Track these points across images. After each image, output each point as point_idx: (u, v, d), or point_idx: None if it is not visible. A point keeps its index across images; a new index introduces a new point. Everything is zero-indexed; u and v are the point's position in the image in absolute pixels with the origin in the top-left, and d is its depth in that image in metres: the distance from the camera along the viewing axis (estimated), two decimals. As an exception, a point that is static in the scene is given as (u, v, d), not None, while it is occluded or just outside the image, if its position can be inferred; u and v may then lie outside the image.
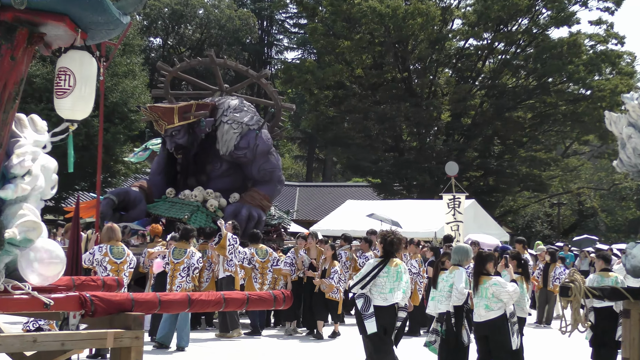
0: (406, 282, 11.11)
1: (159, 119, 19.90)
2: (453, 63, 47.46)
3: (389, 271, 11.02)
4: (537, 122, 45.91)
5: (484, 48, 45.84)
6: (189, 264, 15.05)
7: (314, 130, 50.95)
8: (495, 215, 43.77)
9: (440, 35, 44.89)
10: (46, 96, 31.67)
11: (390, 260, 11.14)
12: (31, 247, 6.01)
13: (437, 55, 45.90)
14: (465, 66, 46.81)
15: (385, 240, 11.32)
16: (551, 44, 43.46)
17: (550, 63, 42.58)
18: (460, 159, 40.12)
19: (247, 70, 22.50)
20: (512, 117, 45.23)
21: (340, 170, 72.23)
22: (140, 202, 19.80)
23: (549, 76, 44.47)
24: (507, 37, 44.47)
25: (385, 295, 10.95)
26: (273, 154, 20.91)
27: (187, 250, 15.07)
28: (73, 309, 6.23)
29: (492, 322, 11.05)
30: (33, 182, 6.15)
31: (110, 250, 13.72)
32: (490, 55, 46.49)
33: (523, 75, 46.19)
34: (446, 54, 46.89)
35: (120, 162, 35.93)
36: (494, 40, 45.23)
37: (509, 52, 45.71)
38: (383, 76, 46.12)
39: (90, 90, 6.47)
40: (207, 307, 7.14)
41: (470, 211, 29.53)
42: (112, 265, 13.62)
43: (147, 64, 49.51)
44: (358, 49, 44.72)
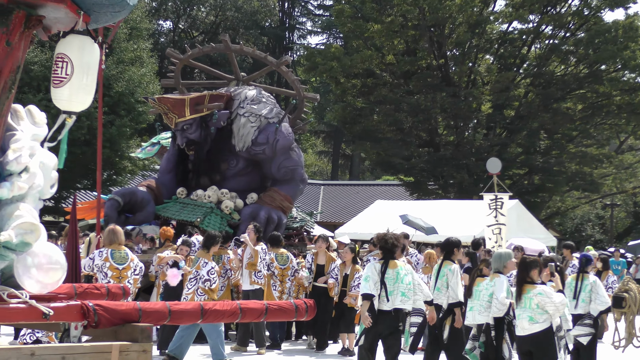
0: (408, 284, 11.28)
1: (168, 112, 19.89)
2: (495, 49, 47.27)
3: (388, 274, 11.35)
4: (588, 115, 45.63)
5: (530, 32, 45.61)
6: (197, 275, 14.87)
7: (340, 123, 50.91)
8: (541, 218, 43.58)
9: (480, 17, 44.74)
10: (45, 85, 31.80)
11: (389, 263, 11.48)
12: (29, 251, 6.04)
13: (477, 40, 45.73)
14: (509, 52, 46.58)
15: (386, 242, 11.72)
16: (605, 28, 43.19)
17: (603, 48, 42.33)
18: (503, 155, 39.97)
19: (265, 56, 22.38)
20: (560, 108, 45.00)
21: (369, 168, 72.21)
22: (148, 203, 19.71)
23: (602, 63, 44.19)
24: (556, 19, 44.24)
25: (385, 298, 11.18)
26: (295, 150, 20.88)
27: (199, 260, 15.00)
28: (75, 319, 6.26)
29: (537, 336, 10.98)
30: (31, 180, 6.18)
31: (111, 254, 13.75)
32: (536, 40, 46.25)
33: (573, 62, 45.93)
34: (487, 38, 46.71)
35: (126, 158, 36.01)
36: (540, 24, 45.00)
37: (558, 37, 45.47)
38: (417, 63, 46.00)
39: (91, 80, 6.47)
40: (222, 318, 7.14)
41: (514, 213, 29.42)
42: (113, 271, 13.65)
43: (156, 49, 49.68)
44: (389, 33, 44.61)
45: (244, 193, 20.35)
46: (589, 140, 46.56)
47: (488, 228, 25.44)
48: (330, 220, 46.82)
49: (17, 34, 6.05)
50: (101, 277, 13.58)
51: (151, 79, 36.76)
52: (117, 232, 14.15)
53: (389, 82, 47.09)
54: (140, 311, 6.42)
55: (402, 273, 11.36)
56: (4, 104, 6.09)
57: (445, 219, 29.25)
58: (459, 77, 45.67)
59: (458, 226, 29.28)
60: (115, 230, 14.17)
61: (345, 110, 47.41)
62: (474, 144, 45.62)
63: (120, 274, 13.67)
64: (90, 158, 33.76)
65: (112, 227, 14.43)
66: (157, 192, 20.25)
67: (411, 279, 11.50)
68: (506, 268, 12.14)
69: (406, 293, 11.34)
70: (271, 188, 20.58)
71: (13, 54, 6.08)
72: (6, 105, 6.14)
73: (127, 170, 37.39)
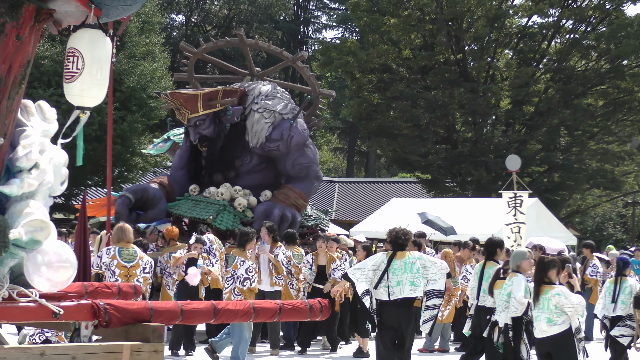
0: (416, 272, 11.39)
1: (181, 107, 19.87)
2: (514, 43, 47.17)
3: (395, 264, 11.52)
4: (609, 111, 45.52)
5: (550, 26, 45.50)
6: (234, 274, 14.79)
7: (355, 119, 50.90)
8: (561, 216, 43.48)
9: (499, 11, 44.65)
10: (55, 80, 31.86)
11: (397, 254, 11.72)
12: (39, 249, 6.06)
13: (496, 35, 45.64)
14: (528, 47, 46.50)
15: (397, 238, 12.01)
16: (627, 22, 43.08)
17: (625, 43, 42.19)
18: (522, 152, 39.89)
19: (280, 51, 22.33)
20: (581, 104, 44.89)
21: (385, 165, 72.14)
22: (160, 200, 19.66)
23: (624, 58, 44.10)
24: (576, 13, 44.11)
25: (393, 289, 11.24)
26: (309, 147, 20.83)
27: (235, 258, 14.85)
28: (85, 318, 6.27)
29: (556, 338, 10.93)
30: (41, 177, 6.20)
31: (119, 252, 13.77)
32: (556, 34, 46.14)
33: (594, 57, 45.82)
34: (506, 32, 46.61)
35: (137, 154, 36.03)
36: (560, 18, 44.89)
37: (578, 31, 45.35)
38: (434, 58, 45.95)
39: (104, 74, 6.48)
40: (235, 318, 7.14)
41: (533, 211, 29.34)
42: (121, 269, 13.67)
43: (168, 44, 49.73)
44: (406, 27, 44.59)
45: (258, 190, 20.31)
46: (610, 137, 46.42)
47: (507, 227, 25.38)
48: (345, 219, 46.79)
49: (27, 28, 6.07)
50: (109, 276, 13.60)
51: (163, 73, 36.77)
52: (125, 229, 14.15)
53: (405, 77, 47.04)
54: (152, 310, 6.43)
55: (409, 262, 11.46)
56: (13, 99, 6.11)
57: (463, 218, 29.18)
58: (477, 72, 45.59)
59: (476, 225, 29.21)
60: (124, 228, 14.18)
61: (361, 106, 47.39)
62: (493, 141, 45.55)
63: (128, 272, 13.68)
64: (101, 154, 33.78)
65: (120, 224, 14.44)
66: (169, 189, 20.21)
67: (419, 264, 11.55)
68: (520, 267, 12.13)
69: (415, 282, 11.44)
70: (285, 185, 20.55)
71: (23, 48, 6.09)
72: (16, 100, 6.16)
73: (138, 167, 37.40)
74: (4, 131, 6.07)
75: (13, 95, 6.09)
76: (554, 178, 46.29)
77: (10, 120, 6.14)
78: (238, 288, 14.50)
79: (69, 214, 38.01)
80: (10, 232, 5.87)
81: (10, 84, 6.05)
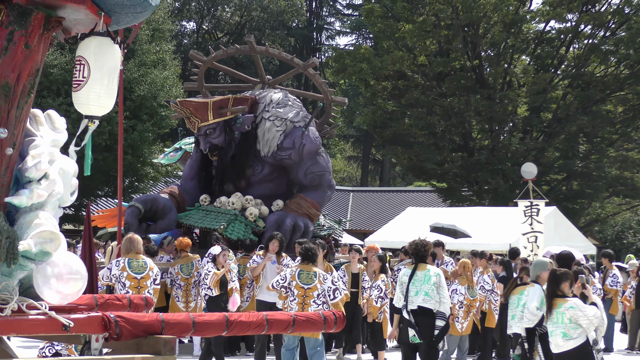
0: (433, 284, 11.70)
1: (191, 116, 19.88)
2: (531, 49, 47.09)
3: (417, 276, 12.26)
4: (629, 117, 45.38)
5: (568, 31, 45.43)
6: (322, 290, 14.25)
7: (370, 127, 50.87)
8: (580, 225, 43.36)
9: (516, 16, 44.59)
10: (65, 89, 31.98)
11: (419, 265, 12.49)
12: (48, 261, 6.07)
13: (513, 40, 45.58)
14: (546, 53, 46.44)
15: (417, 250, 12.87)
16: (646, 26, 42.99)
17: (645, 48, 42.14)
18: (540, 160, 39.84)
19: (292, 58, 22.32)
20: (600, 111, 44.77)
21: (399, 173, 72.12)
22: (170, 210, 19.63)
23: (644, 63, 43.99)
24: (595, 18, 44.02)
25: (412, 298, 11.70)
26: (322, 155, 20.83)
27: (317, 273, 14.41)
28: (95, 331, 6.28)
29: (573, 352, 10.71)
30: (50, 188, 6.21)
31: (128, 264, 13.79)
32: (574, 39, 46.06)
33: (613, 63, 45.70)
34: (523, 38, 46.55)
35: (148, 164, 36.12)
36: (579, 23, 44.79)
37: (597, 36, 45.25)
38: (450, 64, 45.93)
39: (112, 82, 6.50)
40: (248, 330, 7.14)
41: (551, 220, 29.31)
42: (131, 280, 13.69)
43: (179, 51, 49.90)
44: (421, 33, 44.58)
45: (270, 200, 20.32)
46: (630, 144, 46.31)
47: (523, 236, 25.38)
48: (359, 228, 46.83)
49: (36, 36, 6.09)
50: (119, 287, 13.62)
51: (174, 82, 36.86)
52: (134, 240, 14.17)
53: (420, 84, 47.01)
54: (163, 322, 6.44)
55: (429, 274, 12.01)
56: (22, 109, 6.13)
57: (479, 227, 29.15)
58: (494, 78, 45.53)
59: (493, 234, 29.20)
60: (132, 239, 14.19)
61: (375, 113, 47.39)
62: (510, 149, 45.46)
63: (138, 284, 13.70)
64: (112, 164, 33.90)
65: (129, 235, 14.46)
66: (179, 199, 20.21)
67: (436, 280, 11.99)
68: (540, 278, 12.09)
69: (429, 293, 11.84)
70: (297, 195, 20.53)
71: (32, 57, 6.12)
72: (25, 109, 6.18)
73: (149, 176, 37.46)
74: (13, 141, 6.09)
75: (22, 105, 6.11)
76: (573, 186, 46.18)
77: (19, 130, 6.16)
78: (328, 303, 14.07)
79: (79, 225, 38.11)
80: (19, 243, 5.89)
81: (19, 93, 6.07)
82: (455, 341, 17.81)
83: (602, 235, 56.82)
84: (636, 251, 51.17)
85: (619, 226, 58.26)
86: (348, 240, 27.23)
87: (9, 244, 5.87)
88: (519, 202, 26.08)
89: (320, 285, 14.04)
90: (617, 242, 56.28)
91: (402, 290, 12.48)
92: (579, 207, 46.20)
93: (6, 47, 5.98)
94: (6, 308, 5.96)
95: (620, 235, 57.95)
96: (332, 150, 68.20)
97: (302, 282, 14.20)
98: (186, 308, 17.34)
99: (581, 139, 46.82)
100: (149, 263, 14.13)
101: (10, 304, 5.99)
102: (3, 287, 6.00)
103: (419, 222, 31.06)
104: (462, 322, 17.56)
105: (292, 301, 14.13)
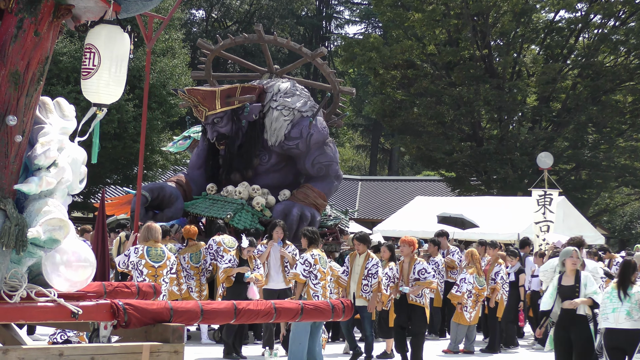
0: None
1: (198, 104, 19.82)
2: (541, 39, 46.95)
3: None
4: (639, 107, 45.23)
5: (578, 21, 45.27)
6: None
7: (378, 116, 50.80)
8: (589, 215, 43.31)
9: (526, 6, 44.45)
10: (74, 77, 31.95)
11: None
12: (57, 248, 6.09)
13: (523, 30, 45.47)
14: (555, 42, 46.27)
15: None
16: (657, 16, 42.85)
17: (655, 38, 42.00)
18: (549, 150, 39.65)
19: (299, 48, 22.21)
20: (609, 101, 44.62)
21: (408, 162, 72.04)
22: (177, 199, 19.58)
23: (654, 53, 43.87)
24: (605, 8, 43.86)
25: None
26: (329, 145, 20.78)
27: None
28: (104, 318, 6.30)
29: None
30: (59, 175, 6.23)
31: (147, 252, 13.79)
32: (584, 29, 45.91)
33: (623, 53, 45.54)
34: (533, 28, 46.42)
35: (157, 152, 36.09)
36: (589, 12, 44.65)
37: (607, 26, 45.10)
38: (459, 54, 45.83)
39: (121, 71, 6.50)
40: (256, 318, 7.16)
41: (560, 210, 29.24)
42: (149, 269, 13.69)
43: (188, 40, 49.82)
44: (431, 22, 44.49)
45: (277, 189, 20.29)
46: (639, 134, 46.19)
47: (536, 225, 25.28)
48: (368, 217, 46.78)
49: (45, 24, 6.10)
50: (136, 275, 13.61)
51: (183, 70, 36.82)
52: (153, 229, 14.15)
53: (430, 73, 46.92)
54: (172, 310, 6.45)
55: None
56: (32, 96, 6.14)
57: (488, 216, 29.10)
58: (504, 68, 45.42)
59: (502, 224, 29.16)
60: (151, 227, 14.17)
61: (384, 102, 47.31)
62: (519, 138, 45.37)
63: (156, 272, 13.71)
64: (121, 152, 33.92)
65: (148, 224, 14.45)
66: (186, 188, 20.17)
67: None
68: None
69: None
70: (305, 184, 20.49)
71: (41, 45, 6.13)
72: (34, 97, 6.19)
73: (158, 164, 37.44)
74: (22, 129, 6.10)
75: (31, 92, 6.12)
76: (582, 176, 46.09)
77: (28, 118, 6.17)
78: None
79: (88, 213, 38.16)
80: (28, 231, 5.90)
81: (29, 81, 6.08)
82: (463, 330, 17.83)
83: (611, 226, 56.76)
84: (645, 241, 51.12)
85: (628, 216, 58.21)
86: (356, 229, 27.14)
87: (18, 231, 5.89)
88: (533, 192, 26.03)
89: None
90: (625, 232, 56.25)
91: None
92: (587, 197, 46.11)
93: (16, 34, 5.99)
94: (15, 295, 5.98)
95: (629, 225, 57.89)
96: (340, 139, 68.12)
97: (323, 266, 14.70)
98: (200, 297, 17.32)
99: (590, 128, 46.69)
100: (167, 252, 14.13)
101: (19, 291, 6.01)
102: (12, 274, 6.03)
103: (428, 211, 31.05)
104: (470, 312, 17.58)
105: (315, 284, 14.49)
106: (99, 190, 37.00)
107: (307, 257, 14.71)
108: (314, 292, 14.49)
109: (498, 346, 18.38)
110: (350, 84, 64.29)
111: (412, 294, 15.15)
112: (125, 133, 33.18)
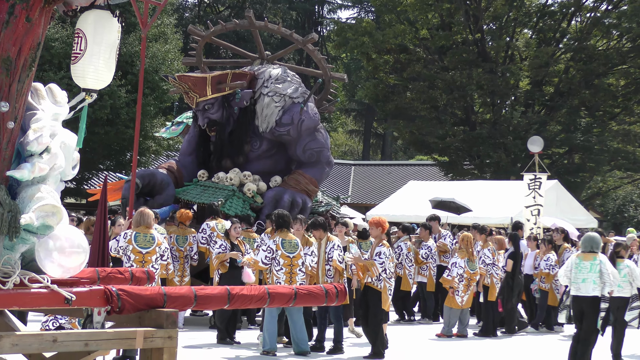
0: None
1: (189, 91, 19.77)
2: (533, 22, 46.97)
3: None
4: (631, 91, 45.31)
5: (570, 5, 45.27)
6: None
7: (371, 101, 50.84)
8: (582, 199, 43.39)
9: (519, -11, 44.50)
10: (66, 63, 31.85)
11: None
12: (50, 234, 6.08)
13: (515, 14, 45.48)
14: (548, 26, 46.29)
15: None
16: (649, -1, 42.83)
17: (647, 21, 42.00)
18: (542, 134, 39.70)
19: (291, 34, 22.09)
20: (602, 84, 44.65)
21: (401, 147, 72.07)
22: (168, 186, 19.50)
23: (646, 37, 43.88)
24: (597, -9, 43.93)
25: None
26: (320, 131, 20.74)
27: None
28: (97, 304, 6.30)
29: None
30: (52, 161, 6.22)
31: (134, 237, 13.74)
32: (577, 13, 45.92)
33: (616, 36, 45.56)
34: (525, 11, 46.42)
35: (150, 137, 36.02)
36: (581, -4, 44.71)
37: (600, 10, 45.15)
38: (452, 38, 45.83)
39: (108, 56, 6.49)
40: (250, 303, 7.17)
41: (552, 193, 29.31)
42: (136, 254, 13.65)
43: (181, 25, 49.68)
44: (423, 6, 44.49)
45: (268, 176, 20.26)
46: (632, 117, 46.27)
47: (527, 209, 25.36)
48: (361, 202, 46.83)
49: (37, 10, 6.08)
50: (125, 260, 13.60)
51: (175, 55, 36.73)
52: (145, 214, 14.08)
53: (422, 57, 46.93)
54: (165, 296, 6.46)
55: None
56: (24, 82, 6.13)
57: (481, 200, 29.15)
58: (496, 52, 45.44)
59: (494, 208, 29.22)
60: (144, 213, 14.11)
61: (377, 87, 47.32)
62: (512, 122, 45.41)
63: (143, 258, 13.65)
64: (113, 138, 33.86)
65: (141, 209, 14.41)
66: (177, 175, 20.11)
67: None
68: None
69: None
70: (296, 171, 20.45)
71: (33, 31, 6.11)
72: (26, 83, 6.18)
73: (151, 150, 37.38)
74: (14, 115, 6.10)
75: (23, 79, 6.11)
76: (575, 160, 46.17)
77: (20, 104, 6.16)
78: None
79: (81, 199, 38.11)
80: (21, 217, 5.90)
81: (21, 67, 6.07)
82: (456, 314, 17.87)
83: (604, 209, 56.86)
84: (637, 224, 51.23)
85: (621, 199, 58.31)
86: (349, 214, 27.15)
87: (10, 217, 5.88)
88: (525, 175, 26.08)
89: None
90: (618, 215, 56.35)
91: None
92: (580, 180, 46.20)
93: (7, 20, 5.97)
94: (8, 281, 5.98)
95: (621, 208, 57.99)
96: (333, 124, 68.07)
97: (287, 251, 14.57)
98: (181, 282, 17.35)
99: (583, 112, 46.76)
100: (158, 238, 14.06)
101: (13, 278, 6.00)
102: (5, 260, 6.02)
103: (421, 195, 31.10)
104: (462, 296, 17.63)
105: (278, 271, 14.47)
106: (92, 176, 36.99)
107: (269, 243, 14.70)
108: (277, 279, 14.42)
109: (492, 330, 18.42)
110: (343, 68, 64.23)
111: (349, 261, 15.39)
112: (118, 119, 33.11)
